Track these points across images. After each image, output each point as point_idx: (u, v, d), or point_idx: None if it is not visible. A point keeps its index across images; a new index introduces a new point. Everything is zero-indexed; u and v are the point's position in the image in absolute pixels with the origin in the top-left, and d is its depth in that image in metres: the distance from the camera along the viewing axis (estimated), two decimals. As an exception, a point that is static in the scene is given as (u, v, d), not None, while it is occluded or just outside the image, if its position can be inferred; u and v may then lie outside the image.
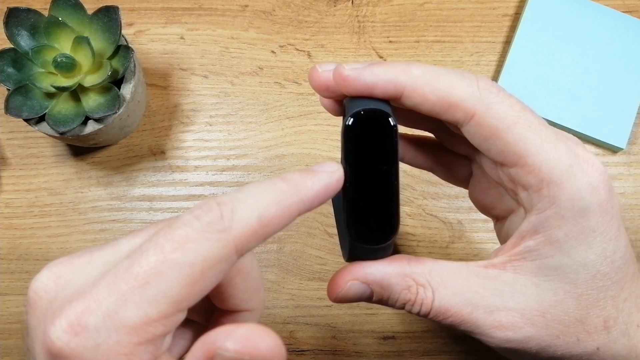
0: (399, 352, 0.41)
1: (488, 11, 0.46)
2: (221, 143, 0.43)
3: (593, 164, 0.22)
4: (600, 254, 0.22)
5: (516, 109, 0.22)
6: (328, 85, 0.23)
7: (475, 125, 0.22)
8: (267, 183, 0.20)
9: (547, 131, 0.22)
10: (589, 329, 0.23)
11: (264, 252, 0.42)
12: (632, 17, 0.44)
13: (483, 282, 0.23)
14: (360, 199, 0.22)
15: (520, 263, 0.23)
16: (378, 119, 0.21)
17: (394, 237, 0.22)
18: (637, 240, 0.42)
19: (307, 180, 0.21)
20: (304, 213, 0.21)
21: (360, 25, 0.45)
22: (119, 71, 0.38)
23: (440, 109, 0.22)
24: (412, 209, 0.42)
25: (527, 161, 0.22)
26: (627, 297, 0.23)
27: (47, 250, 0.42)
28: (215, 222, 0.18)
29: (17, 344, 0.41)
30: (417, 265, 0.23)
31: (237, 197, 0.19)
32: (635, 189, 0.43)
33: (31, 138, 0.43)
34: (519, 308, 0.22)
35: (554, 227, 0.22)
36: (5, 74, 0.37)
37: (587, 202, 0.21)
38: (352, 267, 0.23)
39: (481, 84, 0.22)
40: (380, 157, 0.21)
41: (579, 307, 0.22)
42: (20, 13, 0.37)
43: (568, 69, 0.43)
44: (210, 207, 0.19)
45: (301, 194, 0.20)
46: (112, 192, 0.43)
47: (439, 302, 0.23)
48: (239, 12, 0.46)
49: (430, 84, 0.22)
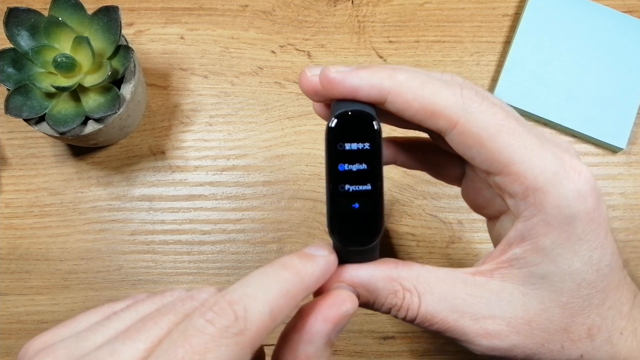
0: (399, 352, 0.41)
1: (488, 11, 0.46)
2: (221, 143, 0.43)
3: (580, 171, 0.22)
4: (587, 262, 0.22)
5: (499, 117, 0.21)
6: (317, 90, 0.23)
7: (459, 134, 0.22)
8: (271, 273, 0.20)
9: (532, 138, 0.22)
10: (573, 337, 0.23)
11: (263, 252, 0.42)
12: (632, 17, 0.44)
13: (470, 290, 0.23)
14: (343, 201, 0.22)
15: (508, 271, 0.23)
16: (362, 121, 0.21)
17: (379, 238, 0.22)
18: (637, 240, 0.42)
19: (308, 267, 0.21)
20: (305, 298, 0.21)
21: (360, 25, 0.45)
22: (119, 71, 0.38)
23: (423, 115, 0.22)
24: (412, 209, 0.42)
25: (512, 169, 0.21)
26: (611, 305, 0.23)
27: (47, 250, 0.42)
28: (231, 326, 0.18)
29: (17, 344, 0.41)
30: (404, 270, 0.23)
31: (247, 292, 0.19)
32: (635, 189, 0.43)
33: (31, 138, 0.43)
34: (505, 316, 0.22)
35: (540, 235, 0.22)
36: (5, 74, 0.37)
37: (574, 209, 0.21)
38: (339, 270, 0.23)
39: (465, 93, 0.22)
40: (363, 158, 0.21)
41: (564, 315, 0.22)
42: (20, 13, 0.37)
43: (568, 69, 0.43)
44: (222, 308, 0.18)
45: (305, 282, 0.21)
46: (112, 192, 0.43)
47: (425, 308, 0.23)
48: (239, 12, 0.46)
49: (414, 91, 0.22)
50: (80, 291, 0.41)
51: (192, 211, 0.42)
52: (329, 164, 0.22)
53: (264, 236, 0.42)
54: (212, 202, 0.43)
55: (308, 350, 0.21)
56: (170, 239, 0.42)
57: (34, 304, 0.41)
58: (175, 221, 0.42)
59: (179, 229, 0.42)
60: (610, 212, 0.43)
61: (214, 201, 0.43)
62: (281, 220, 0.42)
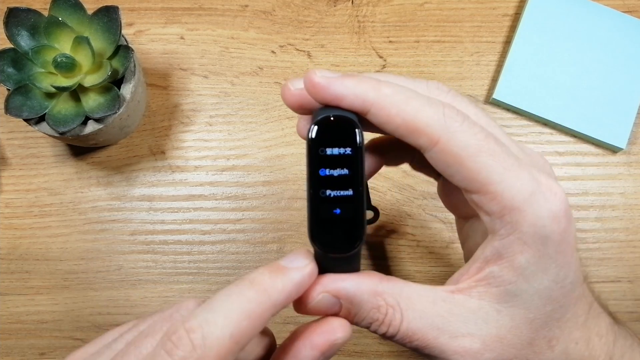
0: (399, 352, 0.41)
1: (488, 11, 0.46)
2: (221, 143, 0.43)
3: (555, 192, 0.22)
4: (553, 279, 0.23)
5: (479, 137, 0.22)
6: (302, 103, 0.23)
7: (439, 152, 0.22)
8: (235, 293, 0.20)
9: (510, 159, 0.22)
10: (537, 349, 0.24)
11: (263, 252, 0.42)
12: (632, 17, 0.44)
13: (449, 308, 0.23)
14: (324, 206, 0.21)
15: (485, 289, 0.23)
16: (343, 125, 0.21)
17: (361, 244, 0.22)
18: (637, 240, 0.42)
19: (278, 282, 0.21)
20: (277, 313, 0.21)
21: (360, 25, 0.45)
22: (119, 71, 0.38)
23: (404, 131, 0.22)
24: (412, 209, 0.42)
25: (490, 189, 0.22)
26: (569, 318, 0.24)
27: (47, 250, 0.42)
28: (189, 356, 0.19)
29: (17, 344, 0.41)
30: (388, 285, 0.23)
31: (206, 318, 0.19)
32: (635, 189, 0.43)
33: (31, 138, 0.43)
34: (480, 334, 0.23)
35: (516, 253, 0.22)
36: (5, 74, 0.37)
37: (548, 230, 0.22)
38: (324, 279, 0.23)
39: (447, 112, 0.22)
40: (345, 163, 0.21)
41: (530, 330, 0.23)
42: (20, 13, 0.37)
43: (568, 69, 0.43)
44: (180, 337, 0.19)
45: (272, 299, 0.20)
46: (112, 192, 0.43)
47: (407, 324, 0.23)
48: (239, 12, 0.46)
49: (398, 106, 0.22)
50: (80, 291, 0.41)
51: (192, 211, 0.42)
52: (309, 169, 0.21)
53: (264, 236, 0.42)
54: (212, 202, 0.43)
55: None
56: (170, 239, 0.42)
57: (34, 304, 0.41)
58: (175, 221, 0.42)
59: (179, 229, 0.42)
60: (610, 212, 0.43)
61: (214, 201, 0.43)
62: (281, 220, 0.42)
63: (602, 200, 0.43)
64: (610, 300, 0.41)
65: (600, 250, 0.42)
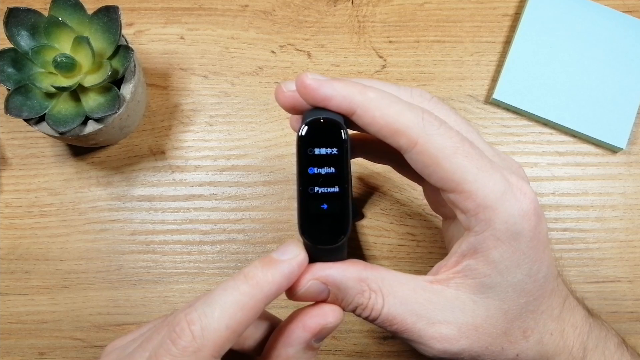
0: (399, 352, 0.41)
1: (488, 11, 0.46)
2: (221, 143, 0.43)
3: (525, 192, 0.24)
4: (526, 273, 0.24)
5: (455, 140, 0.23)
6: (295, 104, 0.25)
7: (418, 153, 0.24)
8: (231, 287, 0.23)
9: (483, 161, 0.24)
10: (512, 339, 0.25)
11: (263, 252, 0.42)
12: (632, 17, 0.44)
13: (428, 296, 0.25)
14: (312, 202, 0.23)
15: (462, 280, 0.25)
16: (331, 127, 0.23)
17: (346, 237, 0.24)
18: (637, 240, 0.42)
19: (269, 275, 0.23)
20: (271, 302, 0.23)
21: (360, 25, 0.45)
22: (119, 71, 0.38)
23: (386, 132, 0.24)
24: (412, 209, 0.42)
25: (465, 187, 0.23)
26: (544, 310, 0.26)
27: (47, 250, 0.42)
28: (189, 345, 0.21)
29: (17, 344, 0.41)
30: (372, 272, 0.25)
31: (205, 312, 0.22)
32: (635, 189, 0.43)
33: (31, 138, 0.43)
34: (457, 322, 0.25)
35: (490, 248, 0.24)
36: (5, 74, 0.37)
37: (519, 227, 0.24)
38: (313, 268, 0.25)
39: (426, 117, 0.24)
40: (332, 162, 0.23)
41: (505, 320, 0.25)
42: (20, 13, 0.37)
43: (568, 69, 0.43)
44: (182, 329, 0.22)
45: (264, 291, 0.23)
46: (112, 192, 0.43)
47: (387, 309, 0.25)
48: (239, 12, 0.46)
49: (381, 109, 0.23)
50: (80, 291, 0.41)
51: (192, 211, 0.42)
52: (299, 167, 0.23)
53: (264, 236, 0.42)
54: (212, 202, 0.43)
55: (288, 351, 0.24)
56: (170, 239, 0.42)
57: (34, 304, 0.41)
58: (175, 221, 0.42)
59: (179, 229, 0.42)
60: (610, 212, 0.43)
61: (214, 201, 0.43)
62: (281, 220, 0.42)
63: (602, 200, 0.43)
64: (610, 300, 0.41)
65: (600, 250, 0.42)
